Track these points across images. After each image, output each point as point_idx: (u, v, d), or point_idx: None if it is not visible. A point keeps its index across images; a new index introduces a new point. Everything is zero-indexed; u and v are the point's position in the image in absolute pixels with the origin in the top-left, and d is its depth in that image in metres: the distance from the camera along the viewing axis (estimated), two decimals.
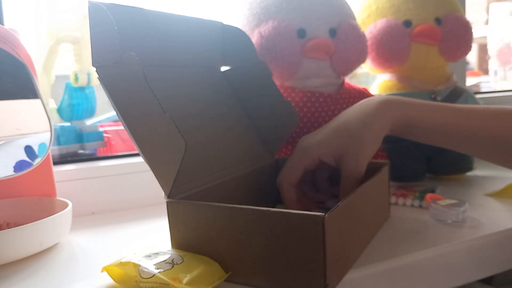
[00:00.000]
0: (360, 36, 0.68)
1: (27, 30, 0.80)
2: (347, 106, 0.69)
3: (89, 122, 0.79)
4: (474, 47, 2.96)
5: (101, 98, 0.77)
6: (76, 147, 0.75)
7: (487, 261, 0.51)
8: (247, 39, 0.60)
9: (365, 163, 0.50)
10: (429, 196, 0.60)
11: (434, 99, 0.75)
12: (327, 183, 0.56)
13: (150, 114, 0.43)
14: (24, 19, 0.80)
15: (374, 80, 0.84)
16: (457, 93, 0.77)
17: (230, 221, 0.40)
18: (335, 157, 0.51)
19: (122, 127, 0.42)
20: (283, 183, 0.52)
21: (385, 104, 0.52)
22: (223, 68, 0.62)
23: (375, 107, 0.52)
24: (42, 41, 0.76)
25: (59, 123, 0.76)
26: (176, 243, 0.43)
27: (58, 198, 0.60)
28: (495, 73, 2.68)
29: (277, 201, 0.55)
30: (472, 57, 3.08)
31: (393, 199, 0.63)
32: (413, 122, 0.52)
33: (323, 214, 0.35)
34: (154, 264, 0.39)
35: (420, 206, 0.61)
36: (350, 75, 0.75)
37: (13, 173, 0.56)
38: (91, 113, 0.77)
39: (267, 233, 0.38)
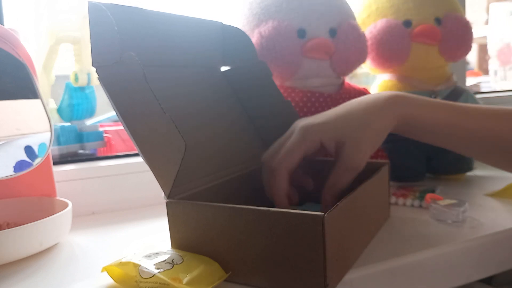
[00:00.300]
0: (360, 36, 0.68)
1: (27, 30, 0.80)
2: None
3: (89, 122, 0.79)
4: (474, 47, 2.96)
5: (101, 98, 0.77)
6: (76, 147, 0.75)
7: (487, 261, 0.51)
8: (247, 39, 0.60)
9: (367, 156, 0.47)
10: (429, 196, 0.60)
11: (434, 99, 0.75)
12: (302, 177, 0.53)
13: (150, 114, 0.43)
14: (24, 19, 0.80)
15: (374, 80, 0.84)
16: (457, 93, 0.77)
17: (230, 221, 0.40)
18: (337, 143, 0.47)
19: (122, 127, 0.42)
20: (280, 169, 0.46)
21: (392, 101, 0.50)
22: (223, 68, 0.62)
23: (382, 103, 0.50)
24: (42, 41, 0.76)
25: (59, 123, 0.76)
26: (176, 243, 0.43)
27: (58, 198, 0.60)
28: (495, 73, 2.68)
29: None
30: (472, 57, 3.07)
31: (393, 199, 0.63)
32: (413, 122, 0.51)
33: (323, 213, 0.35)
34: (154, 264, 0.39)
35: (420, 206, 0.61)
36: (350, 75, 0.75)
37: (13, 173, 0.56)
38: (91, 113, 0.77)
39: (267, 233, 0.38)
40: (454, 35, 0.74)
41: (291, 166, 0.47)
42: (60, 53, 0.77)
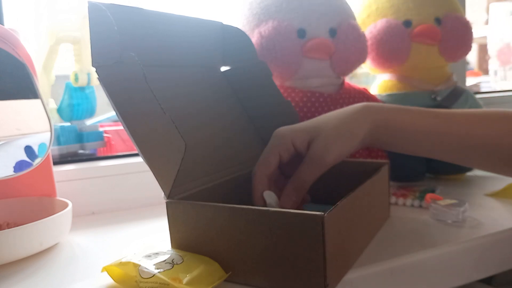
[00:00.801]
0: (360, 36, 0.68)
1: (27, 30, 0.80)
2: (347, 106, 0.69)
3: (89, 122, 0.79)
4: (474, 47, 2.96)
5: (101, 98, 0.77)
6: (76, 147, 0.75)
7: (487, 261, 0.51)
8: (247, 39, 0.60)
9: (334, 152, 0.47)
10: (429, 196, 0.60)
11: (434, 99, 0.75)
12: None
13: (149, 114, 0.43)
14: (24, 19, 0.80)
15: (374, 80, 0.84)
16: (457, 93, 0.77)
17: (230, 221, 0.40)
18: (308, 141, 0.48)
19: (122, 127, 0.42)
20: (257, 173, 0.48)
21: (364, 108, 0.50)
22: (223, 68, 0.62)
23: (354, 109, 0.50)
24: (42, 41, 0.76)
25: (59, 123, 0.76)
26: (176, 243, 0.43)
27: (58, 198, 0.60)
28: (495, 73, 2.68)
29: None
30: (472, 57, 3.08)
31: (393, 199, 0.63)
32: (390, 128, 0.50)
33: (323, 213, 0.36)
34: (154, 264, 0.39)
35: (420, 206, 0.61)
36: (350, 75, 0.75)
37: (13, 173, 0.56)
38: (91, 113, 0.77)
39: (267, 233, 0.38)
40: (454, 35, 0.74)
41: (268, 170, 0.48)
42: (60, 53, 0.77)
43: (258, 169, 0.48)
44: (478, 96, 0.97)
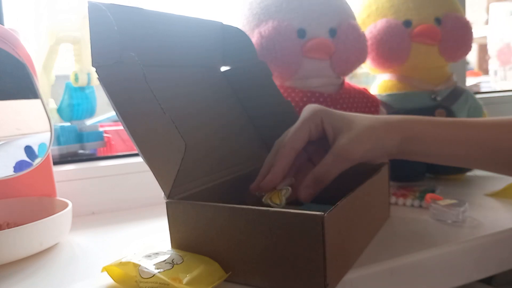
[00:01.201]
0: (360, 36, 0.68)
1: (27, 30, 0.80)
2: (347, 106, 0.69)
3: (89, 122, 0.79)
4: (474, 47, 2.96)
5: (101, 98, 0.77)
6: (76, 147, 0.75)
7: (487, 261, 0.51)
8: (247, 39, 0.60)
9: (362, 149, 0.46)
10: (429, 196, 0.60)
11: (434, 99, 0.75)
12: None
13: (149, 114, 0.43)
14: (24, 19, 0.80)
15: (374, 80, 0.84)
16: (457, 93, 0.77)
17: (230, 221, 0.40)
18: (336, 130, 0.47)
19: (122, 127, 0.42)
20: (286, 145, 0.47)
21: (398, 120, 0.50)
22: (223, 68, 0.62)
23: (389, 119, 0.50)
24: (42, 41, 0.76)
25: (59, 123, 0.76)
26: (176, 243, 0.43)
27: (58, 198, 0.60)
28: (495, 73, 2.68)
29: None
30: (472, 57, 3.08)
31: (393, 199, 0.63)
32: (424, 139, 0.49)
33: (323, 213, 0.36)
34: (154, 264, 0.39)
35: (420, 206, 0.61)
36: (350, 75, 0.75)
37: (13, 173, 0.56)
38: (91, 113, 0.77)
39: (267, 233, 0.38)
40: (454, 35, 0.74)
41: (297, 144, 0.47)
42: (60, 53, 0.77)
43: (288, 142, 0.47)
44: (478, 96, 0.97)
